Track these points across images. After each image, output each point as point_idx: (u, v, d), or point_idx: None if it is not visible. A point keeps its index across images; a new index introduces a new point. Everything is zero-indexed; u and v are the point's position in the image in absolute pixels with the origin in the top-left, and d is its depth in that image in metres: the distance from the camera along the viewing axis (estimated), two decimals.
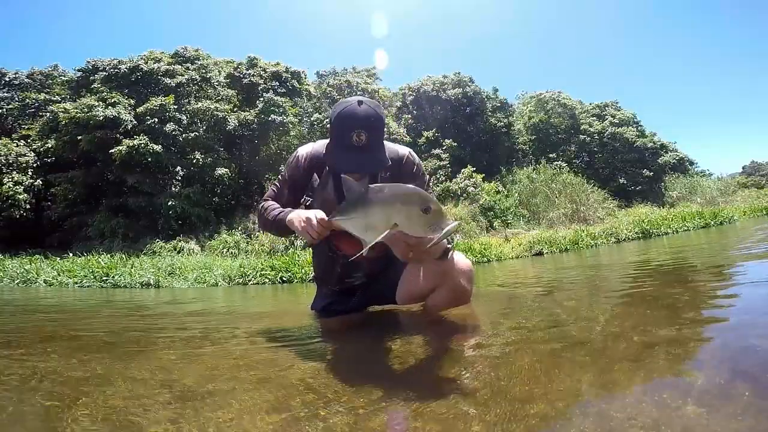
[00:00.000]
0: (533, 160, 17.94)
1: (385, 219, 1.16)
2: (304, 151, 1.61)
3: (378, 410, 0.77)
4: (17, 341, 1.69)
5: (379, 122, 1.41)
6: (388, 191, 1.18)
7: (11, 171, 12.30)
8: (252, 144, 13.97)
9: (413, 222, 1.14)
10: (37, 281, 6.22)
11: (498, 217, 10.38)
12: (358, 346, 1.38)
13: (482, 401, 0.77)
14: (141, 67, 13.56)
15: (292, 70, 15.74)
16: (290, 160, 1.62)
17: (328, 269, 1.68)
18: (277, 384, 0.96)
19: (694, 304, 1.50)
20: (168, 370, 1.10)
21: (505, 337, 1.27)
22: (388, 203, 1.16)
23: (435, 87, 18.63)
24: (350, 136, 1.36)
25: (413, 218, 1.13)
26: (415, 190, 1.17)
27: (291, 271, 5.39)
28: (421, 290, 1.58)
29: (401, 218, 1.14)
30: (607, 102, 22.23)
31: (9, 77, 16.03)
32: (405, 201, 1.15)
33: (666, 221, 8.29)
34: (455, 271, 1.49)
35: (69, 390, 0.94)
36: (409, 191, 1.18)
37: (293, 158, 1.61)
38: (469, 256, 5.99)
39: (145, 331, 1.94)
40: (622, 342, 1.07)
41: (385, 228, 1.15)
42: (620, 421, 0.65)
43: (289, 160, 1.63)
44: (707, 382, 0.76)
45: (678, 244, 5.06)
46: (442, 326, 1.49)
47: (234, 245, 9.65)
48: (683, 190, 16.66)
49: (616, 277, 2.82)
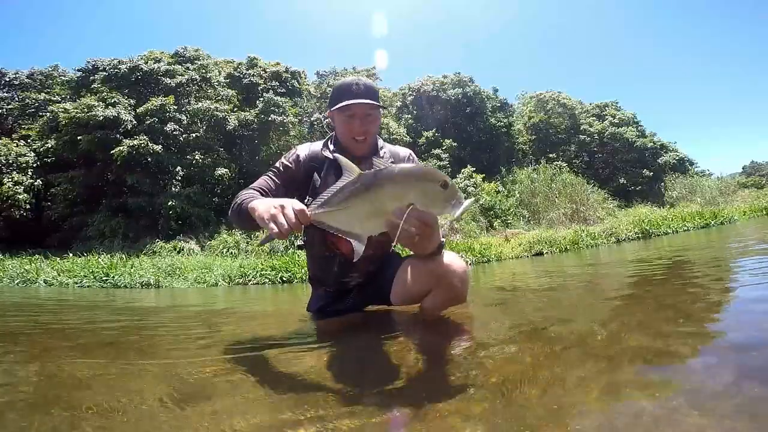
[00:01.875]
0: (533, 160, 17.94)
1: (398, 199, 1.03)
2: (304, 152, 1.59)
3: (377, 410, 0.77)
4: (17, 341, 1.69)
5: (373, 86, 1.54)
6: (398, 170, 1.05)
7: (11, 171, 12.30)
8: (252, 144, 13.97)
9: (432, 199, 1.03)
10: (37, 281, 6.22)
11: (498, 217, 10.39)
12: (356, 346, 1.37)
13: (482, 401, 0.77)
14: (141, 67, 13.57)
15: (292, 70, 15.75)
16: (289, 156, 1.59)
17: (324, 269, 1.66)
18: (275, 385, 0.96)
19: (694, 303, 1.50)
20: (162, 371, 1.10)
21: (504, 337, 1.27)
22: (400, 181, 1.03)
23: (435, 87, 18.64)
24: (350, 87, 1.49)
25: (432, 195, 1.03)
26: (426, 166, 1.08)
27: (291, 271, 5.39)
28: (416, 291, 1.57)
29: (418, 196, 1.03)
30: (607, 102, 22.26)
31: (9, 77, 16.03)
32: (420, 177, 1.04)
33: (666, 221, 8.29)
34: (449, 273, 1.47)
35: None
36: (421, 167, 1.07)
37: (293, 154, 1.59)
38: (469, 256, 6.02)
39: (145, 330, 1.94)
40: (622, 342, 1.07)
41: (397, 210, 1.02)
42: (621, 421, 0.65)
43: (288, 155, 1.59)
44: (708, 382, 0.76)
45: (678, 244, 5.06)
46: (441, 326, 1.49)
47: (234, 245, 9.64)
48: (683, 190, 16.66)
49: (616, 277, 2.82)
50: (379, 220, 1.06)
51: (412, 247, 1.31)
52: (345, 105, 1.48)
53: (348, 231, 1.08)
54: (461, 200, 1.03)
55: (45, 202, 13.41)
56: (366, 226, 1.07)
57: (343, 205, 1.07)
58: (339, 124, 1.54)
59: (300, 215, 1.10)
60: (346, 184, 1.06)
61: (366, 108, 1.51)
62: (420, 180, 1.03)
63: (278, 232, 1.09)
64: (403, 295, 1.60)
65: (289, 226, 1.09)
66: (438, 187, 1.02)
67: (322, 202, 1.10)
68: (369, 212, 1.05)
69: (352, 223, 1.08)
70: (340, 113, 1.51)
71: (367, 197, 1.04)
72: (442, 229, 1.27)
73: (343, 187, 1.07)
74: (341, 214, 1.08)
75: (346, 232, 1.08)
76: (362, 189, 1.05)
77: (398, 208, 1.02)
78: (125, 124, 12.06)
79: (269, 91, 14.38)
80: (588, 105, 22.16)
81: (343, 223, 1.08)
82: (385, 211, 1.04)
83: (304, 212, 1.10)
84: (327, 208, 1.09)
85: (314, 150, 1.58)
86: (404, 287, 1.57)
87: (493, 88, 19.93)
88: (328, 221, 1.10)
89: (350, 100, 1.48)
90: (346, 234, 1.08)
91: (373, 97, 1.52)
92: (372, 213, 1.05)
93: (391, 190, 1.03)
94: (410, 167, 1.07)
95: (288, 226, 1.09)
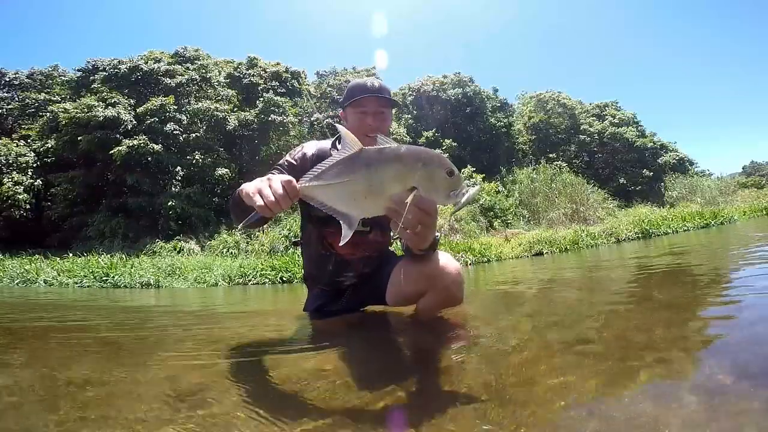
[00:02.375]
0: (533, 160, 17.95)
1: (400, 180, 0.94)
2: (311, 150, 1.55)
3: (376, 410, 0.77)
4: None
5: (386, 86, 1.57)
6: (404, 149, 0.96)
7: (11, 171, 12.31)
8: (252, 144, 13.98)
9: (436, 185, 0.96)
10: (37, 281, 6.22)
11: (498, 217, 10.39)
12: (354, 348, 1.37)
13: (481, 401, 0.77)
14: (141, 67, 13.57)
15: (292, 70, 15.76)
16: (295, 153, 1.55)
17: (319, 267, 1.66)
18: (275, 385, 0.96)
19: (694, 303, 1.50)
20: (162, 371, 1.10)
21: (504, 337, 1.27)
22: (406, 162, 0.94)
23: (435, 87, 18.65)
24: (364, 84, 1.53)
25: (437, 181, 0.95)
26: (434, 151, 1.00)
27: (291, 271, 5.39)
28: (410, 293, 1.56)
29: (422, 180, 0.94)
30: (607, 102, 22.27)
31: (9, 77, 16.05)
32: (427, 161, 0.95)
33: (666, 221, 8.30)
34: (444, 276, 1.46)
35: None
36: (428, 151, 0.98)
37: (298, 152, 1.55)
38: (469, 256, 6.03)
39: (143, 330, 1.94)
40: (622, 341, 1.07)
41: (396, 192, 0.95)
42: (621, 421, 0.65)
43: (294, 152, 1.56)
44: (708, 382, 0.76)
45: (678, 244, 5.06)
46: (438, 327, 1.49)
47: (234, 245, 9.64)
48: (683, 190, 16.66)
49: (616, 277, 2.82)
50: (376, 202, 0.96)
51: (409, 238, 1.22)
52: (358, 99, 1.49)
53: (339, 210, 0.98)
54: (464, 190, 0.97)
55: (45, 202, 13.41)
56: (360, 206, 0.97)
57: (338, 180, 0.96)
58: (351, 120, 1.54)
59: (287, 186, 0.99)
60: (344, 158, 0.95)
61: (378, 104, 1.51)
62: (427, 164, 0.95)
63: (263, 205, 0.99)
64: (398, 296, 1.60)
65: (276, 198, 0.98)
66: (444, 173, 0.95)
67: (315, 174, 0.98)
68: (366, 191, 0.95)
69: (345, 201, 0.97)
70: (352, 109, 1.52)
71: (366, 174, 0.94)
72: (442, 228, 1.24)
73: (341, 160, 0.95)
74: (334, 189, 0.96)
75: (336, 210, 0.98)
76: (362, 165, 0.94)
77: (399, 192, 0.95)
78: (125, 124, 12.07)
79: (269, 91, 14.39)
80: (588, 105, 22.17)
81: (336, 200, 0.97)
82: (383, 192, 0.95)
83: (291, 184, 0.99)
84: (319, 181, 0.97)
85: (322, 148, 1.55)
86: (399, 288, 1.57)
87: (493, 88, 19.96)
88: (318, 196, 0.98)
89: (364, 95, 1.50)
90: (336, 213, 0.98)
91: (386, 95, 1.54)
92: (369, 192, 0.95)
93: (395, 170, 0.94)
94: (418, 148, 0.98)
95: (274, 198, 0.98)
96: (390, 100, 1.56)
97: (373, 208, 0.97)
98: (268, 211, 1.00)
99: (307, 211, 1.61)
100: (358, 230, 1.57)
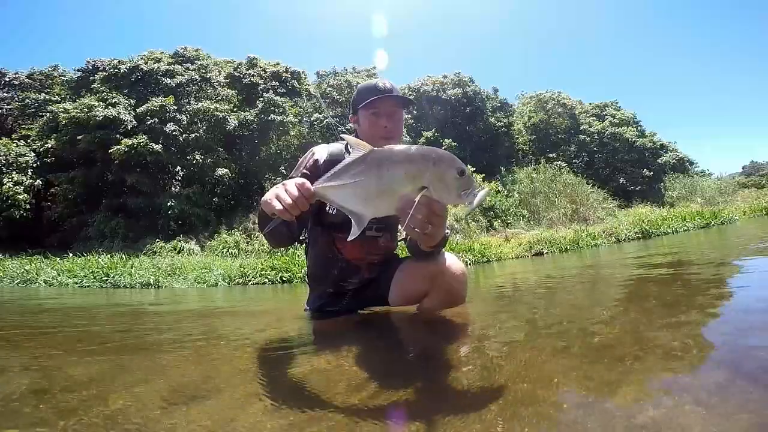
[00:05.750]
0: (533, 160, 17.96)
1: (410, 180, 0.95)
2: (322, 156, 1.51)
3: (377, 410, 0.77)
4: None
5: (396, 86, 1.54)
6: (414, 149, 0.98)
7: (11, 171, 12.31)
8: (252, 144, 13.97)
9: (447, 185, 0.96)
10: (37, 281, 6.22)
11: (498, 217, 10.39)
12: (354, 347, 1.37)
13: (482, 401, 0.77)
14: (141, 67, 13.59)
15: (291, 70, 15.76)
16: (307, 162, 1.51)
17: (324, 270, 1.65)
18: (275, 386, 0.96)
19: (694, 303, 1.50)
20: (162, 371, 1.10)
21: (504, 337, 1.27)
22: (416, 161, 0.96)
23: (435, 87, 18.66)
24: (375, 86, 1.51)
25: (448, 181, 0.96)
26: (444, 151, 1.00)
27: (291, 271, 5.40)
28: (413, 292, 1.56)
29: (432, 180, 0.95)
30: (607, 102, 22.28)
31: (9, 77, 16.06)
32: (437, 161, 0.96)
33: (666, 221, 8.30)
34: (447, 275, 1.46)
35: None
36: (439, 151, 0.98)
37: (309, 160, 1.51)
38: (469, 256, 6.03)
39: (143, 330, 1.94)
40: (622, 341, 1.07)
41: (406, 192, 0.96)
42: (621, 421, 0.65)
43: (306, 162, 1.51)
44: (707, 382, 0.76)
45: (678, 244, 5.06)
46: (439, 327, 1.49)
47: (234, 245, 9.65)
48: (683, 190, 16.69)
49: (616, 276, 2.82)
50: (388, 201, 0.98)
51: (418, 237, 1.21)
52: (371, 101, 1.46)
53: (351, 209, 1.01)
54: (475, 192, 0.97)
55: (45, 202, 13.43)
56: (372, 206, 1.00)
57: (350, 180, 0.99)
58: (364, 123, 1.51)
59: (302, 188, 1.04)
60: (356, 159, 0.99)
61: (391, 104, 1.49)
62: (437, 164, 0.96)
63: (281, 208, 1.04)
64: (401, 295, 1.60)
65: (293, 200, 1.03)
66: (455, 173, 0.96)
67: (328, 176, 1.03)
68: (377, 190, 0.97)
69: (356, 201, 1.00)
70: (365, 111, 1.48)
71: (377, 174, 0.97)
72: (452, 227, 1.23)
73: (353, 161, 1.00)
74: (347, 189, 1.00)
75: (349, 209, 1.01)
76: (373, 165, 0.97)
77: (409, 192, 0.96)
78: (125, 124, 12.08)
79: (269, 91, 14.39)
80: (588, 105, 22.19)
81: (348, 199, 1.01)
82: (394, 191, 0.97)
83: (305, 185, 1.04)
84: (332, 182, 1.02)
85: (334, 152, 1.52)
86: (402, 288, 1.57)
87: (493, 88, 19.97)
88: (332, 196, 1.03)
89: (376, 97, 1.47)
90: (348, 212, 1.01)
91: (397, 94, 1.52)
92: (380, 192, 0.97)
93: (405, 170, 0.95)
94: (428, 149, 0.99)
95: (291, 200, 1.03)
96: (403, 99, 1.54)
97: (384, 207, 0.99)
98: (287, 214, 1.04)
99: (318, 217, 1.58)
100: (372, 235, 1.59)
